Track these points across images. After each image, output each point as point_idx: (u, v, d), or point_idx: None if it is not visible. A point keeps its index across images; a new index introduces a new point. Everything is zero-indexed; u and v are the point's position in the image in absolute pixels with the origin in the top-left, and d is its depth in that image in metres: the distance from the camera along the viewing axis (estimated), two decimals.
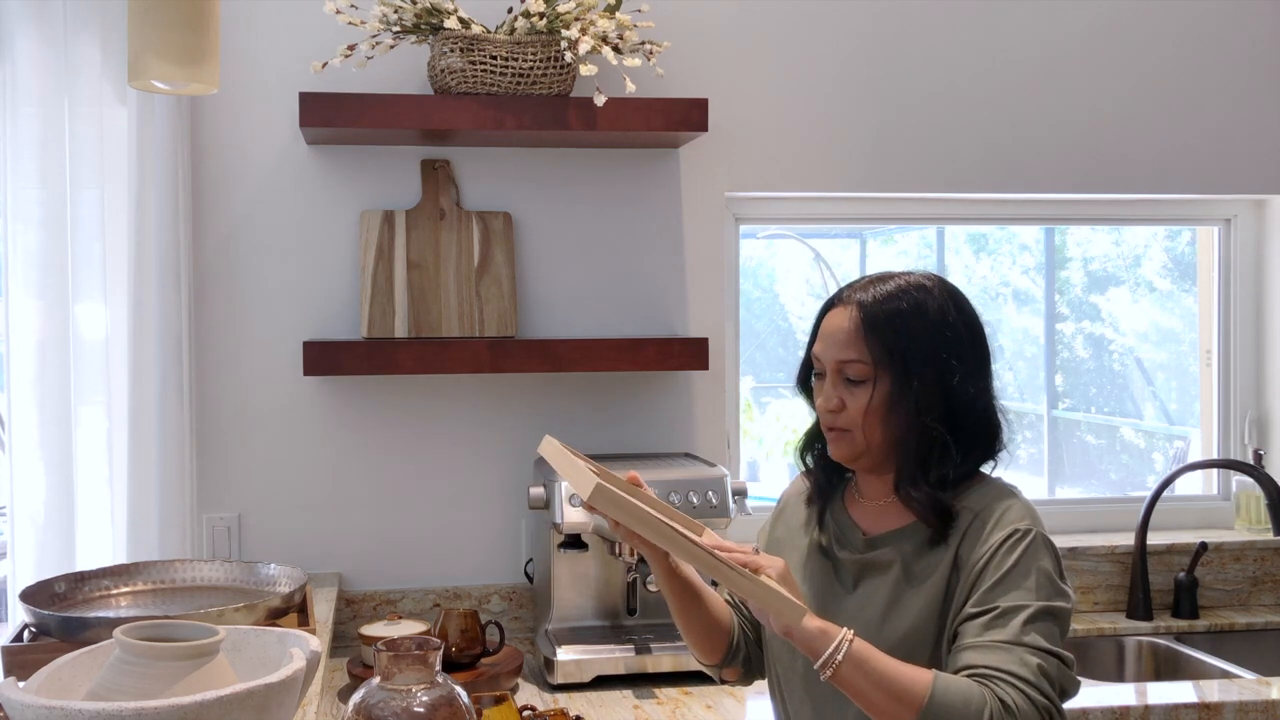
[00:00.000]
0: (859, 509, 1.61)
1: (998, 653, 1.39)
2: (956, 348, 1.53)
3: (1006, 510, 1.49)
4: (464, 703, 1.23)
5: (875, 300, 1.54)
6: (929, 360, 1.51)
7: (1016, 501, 1.51)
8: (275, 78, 2.35)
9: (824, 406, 1.56)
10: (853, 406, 1.53)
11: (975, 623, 1.43)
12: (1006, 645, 1.40)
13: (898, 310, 1.53)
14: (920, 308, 1.53)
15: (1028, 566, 1.44)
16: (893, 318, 1.52)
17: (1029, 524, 1.48)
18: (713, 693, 2.09)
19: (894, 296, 1.54)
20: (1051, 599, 1.43)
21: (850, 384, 1.53)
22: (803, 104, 2.55)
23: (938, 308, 1.54)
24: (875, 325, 1.52)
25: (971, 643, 1.42)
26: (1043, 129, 2.63)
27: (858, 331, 1.53)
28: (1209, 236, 2.89)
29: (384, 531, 2.43)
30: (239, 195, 2.37)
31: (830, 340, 1.55)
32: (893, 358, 1.51)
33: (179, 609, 1.84)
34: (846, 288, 1.61)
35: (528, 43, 2.22)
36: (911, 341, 1.51)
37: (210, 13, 1.77)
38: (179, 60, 1.73)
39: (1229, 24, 2.69)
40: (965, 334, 1.54)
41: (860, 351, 1.52)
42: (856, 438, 1.54)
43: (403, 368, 2.24)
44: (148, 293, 2.22)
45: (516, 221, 2.45)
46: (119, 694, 1.14)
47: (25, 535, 2.22)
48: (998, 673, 1.37)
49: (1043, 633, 1.41)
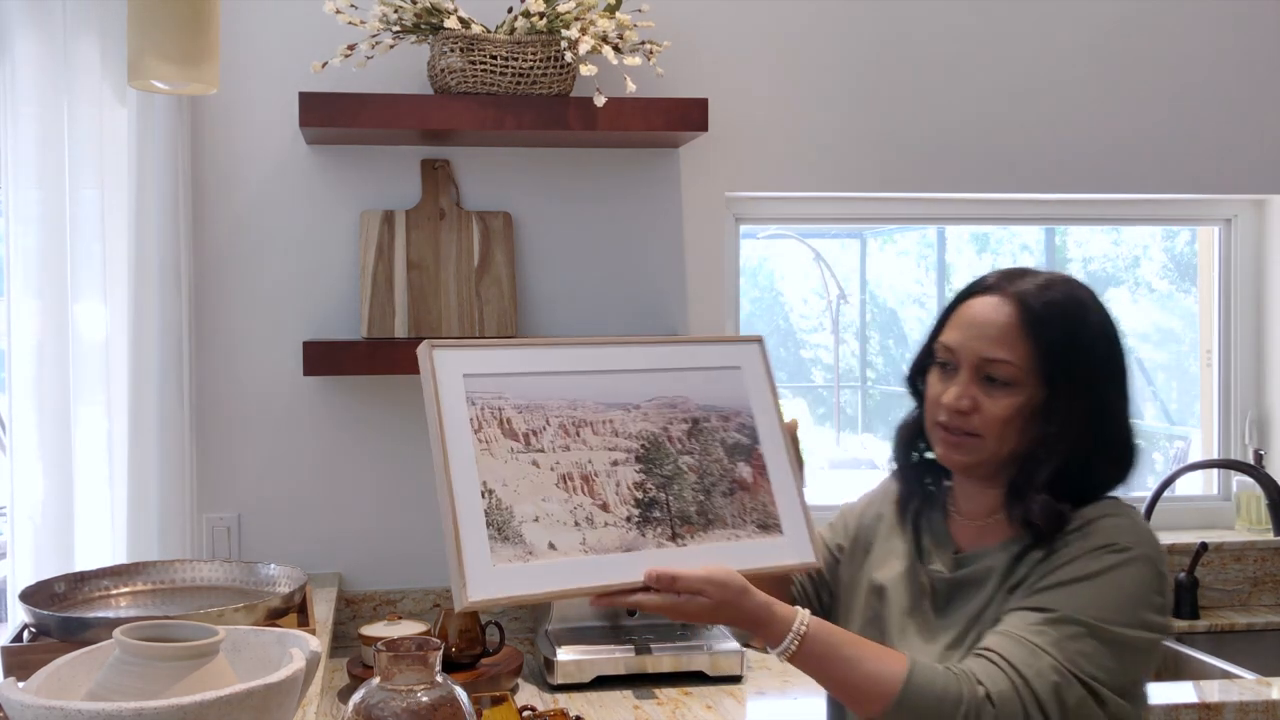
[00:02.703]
0: (957, 524, 1.48)
1: (1020, 648, 1.28)
2: (1111, 358, 1.40)
3: (1117, 525, 1.35)
4: (464, 703, 1.23)
5: (1038, 296, 1.38)
6: (1087, 370, 1.37)
7: (1133, 521, 1.37)
8: (275, 78, 2.35)
9: (952, 405, 1.39)
10: (990, 411, 1.37)
11: (1023, 615, 1.31)
12: (1036, 647, 1.28)
13: (1063, 312, 1.38)
14: (1083, 310, 1.40)
15: (1112, 582, 1.30)
16: (1058, 320, 1.37)
17: (1134, 542, 1.33)
18: (713, 693, 2.09)
19: (1056, 296, 1.39)
20: (1123, 626, 1.29)
21: (991, 384, 1.38)
22: (803, 104, 2.54)
23: (1097, 311, 1.41)
24: (1038, 325, 1.37)
25: (1004, 629, 1.31)
26: (1043, 129, 2.63)
27: (1017, 329, 1.37)
28: (1209, 236, 2.89)
29: (384, 531, 2.42)
30: (239, 195, 2.37)
31: (976, 333, 1.39)
32: (1052, 364, 1.36)
33: (179, 609, 1.84)
34: (995, 276, 1.44)
35: (528, 42, 2.22)
36: (1074, 348, 1.37)
37: (210, 13, 1.77)
38: (179, 60, 1.74)
39: (1229, 24, 2.69)
40: (1117, 343, 1.42)
41: (1015, 352, 1.36)
42: (985, 445, 1.39)
43: (403, 368, 2.23)
44: (148, 293, 2.22)
45: (516, 221, 2.45)
46: (119, 694, 1.14)
47: (25, 535, 2.22)
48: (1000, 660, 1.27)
49: (1090, 658, 1.27)
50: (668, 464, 1.44)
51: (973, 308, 1.42)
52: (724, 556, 1.38)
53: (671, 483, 1.44)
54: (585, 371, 1.45)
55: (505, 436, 1.36)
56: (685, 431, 1.48)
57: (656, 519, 1.40)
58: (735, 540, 1.43)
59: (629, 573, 1.34)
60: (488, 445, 1.35)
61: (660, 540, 1.39)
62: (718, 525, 1.44)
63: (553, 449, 1.38)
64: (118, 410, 2.25)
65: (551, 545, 1.33)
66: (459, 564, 1.27)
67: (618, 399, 1.46)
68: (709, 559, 1.37)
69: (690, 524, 1.42)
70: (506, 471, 1.34)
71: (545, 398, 1.41)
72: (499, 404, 1.38)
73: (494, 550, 1.29)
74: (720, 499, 1.45)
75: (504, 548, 1.30)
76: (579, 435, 1.41)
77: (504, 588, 1.28)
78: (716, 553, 1.40)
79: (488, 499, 1.32)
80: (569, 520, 1.35)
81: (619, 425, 1.44)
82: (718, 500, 1.45)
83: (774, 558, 1.45)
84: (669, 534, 1.39)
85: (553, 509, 1.35)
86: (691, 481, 1.45)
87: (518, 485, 1.35)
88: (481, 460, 1.33)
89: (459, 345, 1.40)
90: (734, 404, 1.51)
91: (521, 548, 1.31)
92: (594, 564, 1.34)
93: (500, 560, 1.29)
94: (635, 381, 1.47)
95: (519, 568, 1.30)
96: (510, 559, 1.30)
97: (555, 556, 1.33)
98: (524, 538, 1.32)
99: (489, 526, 1.30)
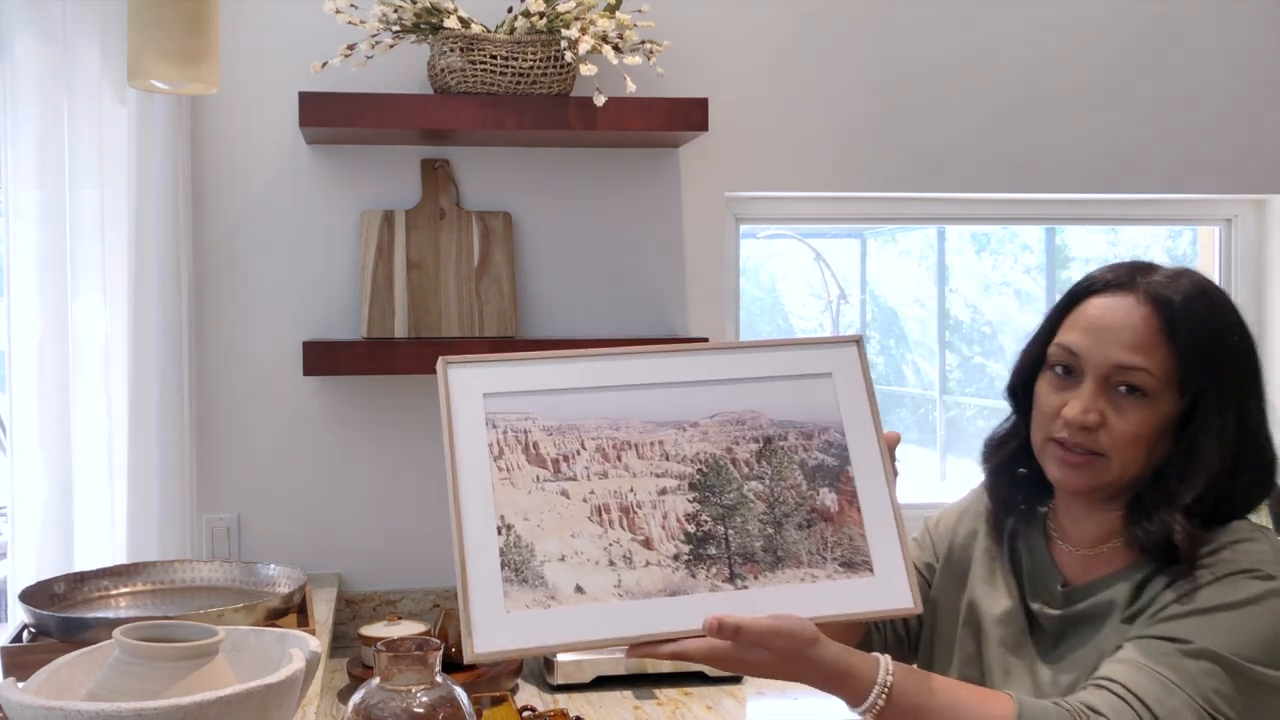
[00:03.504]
0: (1062, 552, 1.31)
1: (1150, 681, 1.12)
2: (1250, 364, 1.25)
3: (1259, 551, 1.19)
4: (464, 703, 1.22)
5: (1176, 295, 1.22)
6: (1229, 378, 1.22)
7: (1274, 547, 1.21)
8: (275, 78, 2.35)
9: (1078, 419, 1.22)
10: (1120, 427, 1.21)
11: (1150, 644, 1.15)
12: (1168, 682, 1.12)
13: (1205, 312, 1.22)
14: (1223, 310, 1.24)
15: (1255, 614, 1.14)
16: (1200, 321, 1.21)
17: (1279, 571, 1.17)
18: (713, 693, 2.08)
19: (1194, 294, 1.23)
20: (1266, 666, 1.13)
21: (1122, 396, 1.21)
22: (803, 104, 2.54)
23: (1234, 311, 1.26)
24: (1180, 328, 1.21)
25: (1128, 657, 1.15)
26: (1043, 129, 2.63)
27: (1157, 334, 1.21)
28: (1209, 236, 2.89)
29: (384, 531, 2.42)
30: (239, 195, 2.37)
31: (1107, 337, 1.22)
32: (1193, 372, 1.20)
33: (178, 609, 1.84)
34: (1119, 271, 1.27)
35: (528, 42, 2.22)
36: (1217, 354, 1.21)
37: (210, 13, 1.77)
38: (179, 60, 1.74)
39: (1229, 24, 2.69)
40: (1254, 347, 1.27)
41: (1155, 359, 1.20)
42: (1110, 467, 1.22)
43: (403, 368, 2.23)
44: (148, 293, 2.22)
45: (516, 221, 2.45)
46: (118, 694, 1.14)
47: (25, 535, 2.21)
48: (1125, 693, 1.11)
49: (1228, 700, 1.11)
50: (729, 492, 1.25)
51: (1099, 307, 1.24)
52: (796, 601, 1.19)
53: (733, 514, 1.24)
54: (632, 385, 1.27)
55: (531, 463, 1.21)
56: (754, 453, 1.27)
57: (711, 556, 1.21)
58: (812, 582, 1.23)
59: (673, 621, 1.16)
60: (508, 474, 1.20)
61: (715, 582, 1.20)
62: (789, 563, 1.23)
63: (587, 476, 1.22)
64: (118, 410, 2.25)
65: (579, 589, 1.17)
66: (466, 610, 1.13)
67: (671, 416, 1.26)
68: (776, 604, 1.17)
69: (754, 562, 1.22)
70: (529, 503, 1.19)
71: (582, 417, 1.24)
72: (525, 426, 1.23)
73: (508, 594, 1.15)
74: (794, 532, 1.25)
75: (521, 591, 1.15)
76: (620, 460, 1.24)
77: (518, 638, 1.14)
78: (786, 596, 1.20)
79: (505, 535, 1.18)
80: (602, 559, 1.19)
81: (671, 447, 1.25)
82: (790, 534, 1.24)
83: (862, 602, 1.24)
84: (726, 574, 1.20)
85: (583, 546, 1.19)
86: (759, 512, 1.25)
87: (542, 519, 1.19)
88: (499, 491, 1.19)
89: (479, 361, 1.25)
90: (820, 418, 1.29)
91: (542, 591, 1.16)
92: (629, 610, 1.17)
93: (516, 606, 1.15)
94: (695, 395, 1.27)
95: (538, 615, 1.15)
96: (528, 604, 1.15)
97: (582, 602, 1.16)
98: (545, 580, 1.17)
99: (505, 567, 1.16)
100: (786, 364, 1.31)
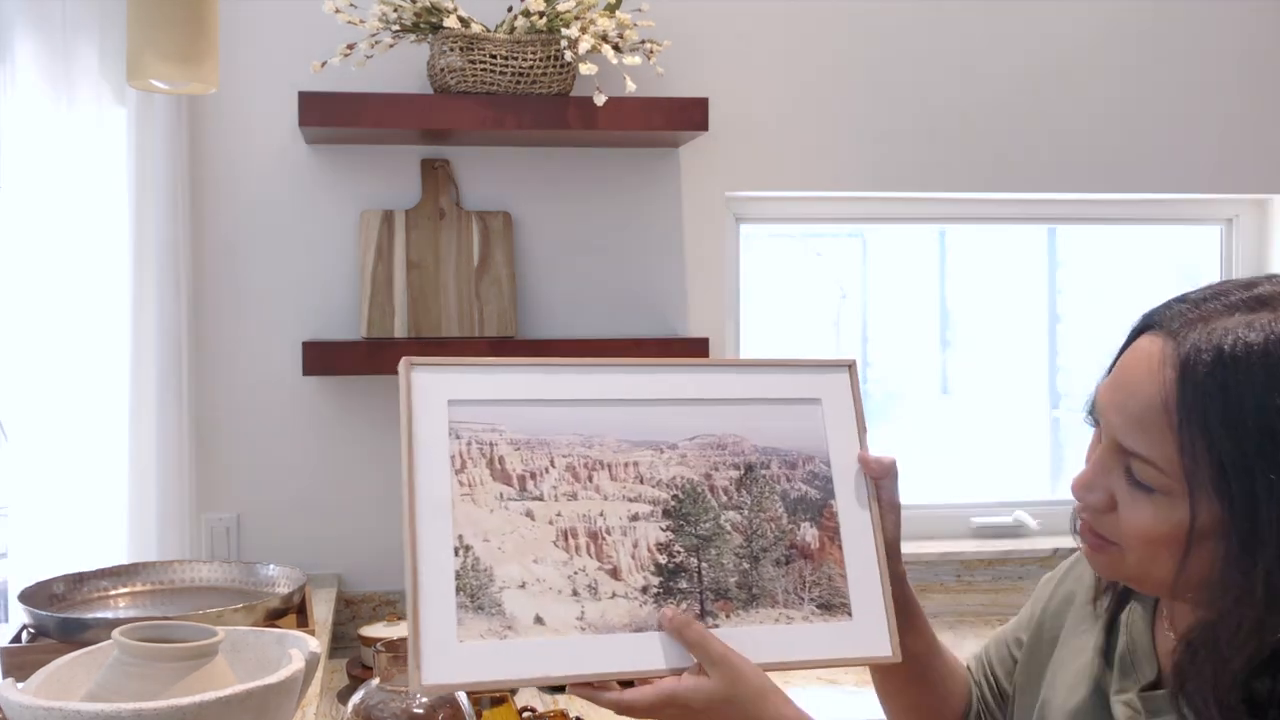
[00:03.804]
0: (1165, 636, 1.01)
1: None
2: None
3: None
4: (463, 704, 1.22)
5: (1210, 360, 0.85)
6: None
7: None
8: (275, 78, 2.35)
9: (1077, 485, 0.96)
10: (1129, 519, 0.91)
11: None
12: None
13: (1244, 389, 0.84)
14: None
15: None
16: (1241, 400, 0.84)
17: None
18: None
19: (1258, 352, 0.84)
20: None
21: (1135, 486, 0.91)
22: (803, 104, 2.54)
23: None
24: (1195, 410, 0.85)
25: None
26: (1043, 129, 2.63)
27: (1161, 413, 0.87)
28: (1210, 236, 2.88)
29: (384, 532, 2.42)
30: (239, 195, 2.36)
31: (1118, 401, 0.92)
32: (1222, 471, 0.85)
33: (178, 610, 1.83)
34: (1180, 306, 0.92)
35: (527, 42, 2.22)
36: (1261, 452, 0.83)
37: (210, 13, 1.77)
38: (178, 60, 1.73)
39: (1230, 24, 2.69)
40: None
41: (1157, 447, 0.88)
42: (1126, 561, 0.93)
43: None
44: (147, 293, 2.21)
45: (516, 221, 2.45)
46: (118, 695, 1.14)
47: (24, 535, 2.21)
48: None
49: None
50: (705, 521, 1.16)
51: (1132, 353, 0.93)
52: (769, 644, 1.11)
53: (708, 545, 1.15)
54: (609, 400, 1.17)
55: (495, 479, 1.12)
56: (734, 480, 1.18)
57: (682, 590, 1.12)
58: (787, 624, 1.14)
59: (635, 660, 1.08)
60: (470, 490, 1.10)
61: None
62: (764, 602, 1.14)
63: (554, 497, 1.13)
64: (117, 410, 2.24)
65: (539, 619, 1.08)
66: (415, 638, 1.03)
67: (649, 436, 1.17)
68: (748, 646, 1.08)
69: (727, 599, 1.13)
70: (491, 523, 1.10)
71: (553, 432, 1.15)
72: (491, 438, 1.13)
73: (462, 622, 1.05)
74: (771, 569, 1.16)
75: (475, 620, 1.05)
76: (591, 480, 1.14)
77: (469, 670, 1.04)
78: (758, 638, 1.12)
79: (462, 557, 1.07)
80: (565, 588, 1.09)
81: (646, 470, 1.16)
82: (767, 570, 1.16)
83: (837, 648, 1.15)
84: (697, 610, 1.12)
85: (546, 573, 1.10)
86: (735, 545, 1.16)
87: (503, 541, 1.09)
88: (459, 508, 1.09)
89: (447, 366, 1.16)
90: (805, 447, 1.21)
91: (499, 620, 1.06)
92: (590, 645, 1.08)
93: (470, 635, 1.05)
94: (676, 414, 1.18)
95: (492, 646, 1.05)
96: (483, 634, 1.05)
97: (541, 634, 1.07)
98: (503, 608, 1.07)
99: (459, 592, 1.06)
100: (774, 386, 1.22)
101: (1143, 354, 0.91)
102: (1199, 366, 0.86)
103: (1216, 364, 0.85)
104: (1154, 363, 0.89)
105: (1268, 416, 0.83)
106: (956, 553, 2.60)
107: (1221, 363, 0.85)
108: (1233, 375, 0.84)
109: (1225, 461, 0.84)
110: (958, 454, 2.93)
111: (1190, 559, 0.88)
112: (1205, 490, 0.85)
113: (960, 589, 2.59)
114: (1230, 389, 0.84)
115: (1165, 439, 0.87)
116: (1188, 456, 0.86)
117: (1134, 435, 0.90)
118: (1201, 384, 0.85)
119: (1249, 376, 0.84)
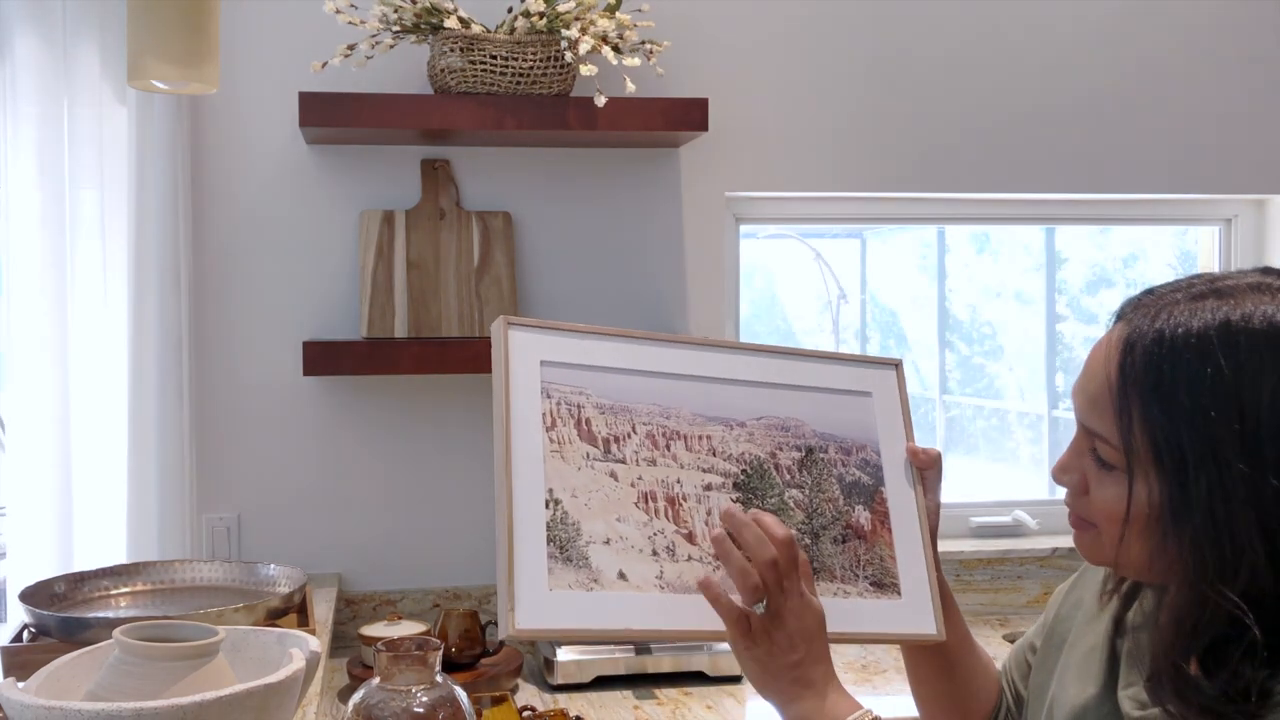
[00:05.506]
0: None
1: None
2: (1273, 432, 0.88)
3: None
4: (464, 703, 1.22)
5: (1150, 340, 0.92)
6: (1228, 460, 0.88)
7: None
8: (275, 78, 2.35)
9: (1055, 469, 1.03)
10: (1098, 498, 0.97)
11: None
12: None
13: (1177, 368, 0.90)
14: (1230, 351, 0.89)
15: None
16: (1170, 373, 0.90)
17: None
18: (713, 693, 2.08)
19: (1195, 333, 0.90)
20: None
21: (1100, 466, 0.97)
22: (803, 104, 2.54)
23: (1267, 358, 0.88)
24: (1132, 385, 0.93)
25: None
26: (1043, 129, 2.63)
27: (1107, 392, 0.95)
28: (1210, 236, 2.89)
29: (384, 531, 2.42)
30: (239, 195, 2.36)
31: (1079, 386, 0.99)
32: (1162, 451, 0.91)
33: (178, 609, 1.84)
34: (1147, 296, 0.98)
35: (528, 42, 2.22)
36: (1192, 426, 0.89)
37: (210, 13, 1.77)
38: (178, 60, 1.74)
39: (1230, 24, 2.69)
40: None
41: (1106, 423, 0.95)
42: (1103, 542, 0.98)
43: (403, 368, 2.24)
44: (147, 292, 2.22)
45: (516, 221, 2.45)
46: (118, 694, 1.14)
47: (25, 535, 2.21)
48: None
49: None
50: (771, 496, 1.22)
51: (1099, 341, 1.00)
52: (828, 614, 1.14)
53: None
54: (685, 375, 1.24)
55: (582, 440, 1.17)
56: (797, 461, 1.25)
57: None
58: (844, 598, 1.20)
59: (711, 620, 1.10)
60: (559, 447, 1.15)
61: None
62: (824, 576, 1.21)
63: (636, 461, 1.18)
64: (118, 410, 2.25)
65: (622, 574, 1.12)
66: (509, 583, 1.07)
67: (720, 413, 1.24)
68: None
69: None
70: (578, 480, 1.14)
71: (634, 400, 1.21)
72: (579, 400, 1.18)
73: (552, 571, 1.09)
74: (830, 545, 1.23)
75: (565, 570, 1.10)
76: (669, 449, 1.20)
77: (558, 618, 1.08)
78: None
79: (553, 509, 1.12)
80: (646, 547, 1.14)
81: (718, 443, 1.22)
82: (826, 546, 1.22)
83: (888, 624, 1.22)
84: None
85: (628, 531, 1.14)
86: (798, 520, 1.22)
87: (589, 498, 1.14)
88: (550, 463, 1.14)
89: (541, 328, 1.20)
90: (858, 435, 1.29)
91: (585, 573, 1.11)
92: (669, 604, 1.12)
93: (559, 584, 1.09)
94: (743, 395, 1.25)
95: (579, 596, 1.09)
96: (570, 584, 1.10)
97: (624, 588, 1.12)
98: (589, 561, 1.12)
99: (550, 543, 1.11)
100: (830, 377, 1.30)
101: (1104, 340, 0.99)
102: (1138, 346, 0.93)
103: (1154, 344, 0.92)
104: (1111, 348, 0.97)
105: (1198, 394, 0.89)
106: (955, 552, 2.60)
107: (1159, 342, 0.92)
108: (1167, 355, 0.91)
109: (1159, 436, 0.91)
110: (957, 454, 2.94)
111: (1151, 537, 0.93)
112: (1143, 464, 0.93)
113: (959, 589, 2.59)
114: (1164, 367, 0.91)
115: (1107, 415, 0.95)
116: (1125, 431, 0.93)
117: (1093, 415, 0.97)
118: (1137, 362, 0.93)
119: (1181, 355, 0.91)
